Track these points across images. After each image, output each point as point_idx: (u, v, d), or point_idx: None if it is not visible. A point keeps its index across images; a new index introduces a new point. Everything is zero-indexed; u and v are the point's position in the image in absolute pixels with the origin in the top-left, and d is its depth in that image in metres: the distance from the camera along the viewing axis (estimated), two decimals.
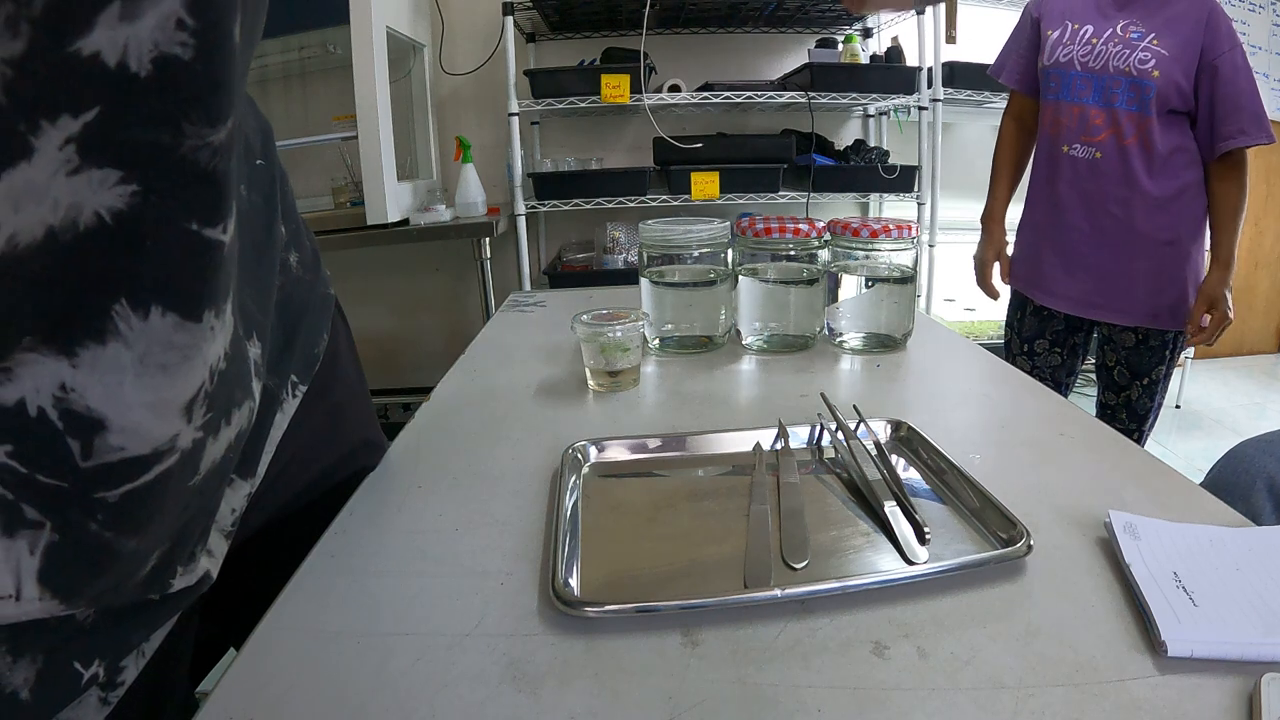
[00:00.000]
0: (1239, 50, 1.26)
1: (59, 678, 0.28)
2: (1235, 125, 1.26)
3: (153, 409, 0.24)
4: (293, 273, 0.47)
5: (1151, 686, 0.33)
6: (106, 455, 0.24)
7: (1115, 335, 1.43)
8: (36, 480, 0.23)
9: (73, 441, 0.23)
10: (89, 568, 0.25)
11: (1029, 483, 0.53)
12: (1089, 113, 1.32)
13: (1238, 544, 0.43)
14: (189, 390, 0.25)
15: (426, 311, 2.62)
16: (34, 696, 0.27)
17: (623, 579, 0.43)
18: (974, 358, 0.86)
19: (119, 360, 0.23)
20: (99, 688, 0.32)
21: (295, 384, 0.47)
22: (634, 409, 0.70)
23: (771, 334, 0.87)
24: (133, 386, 0.23)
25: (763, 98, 2.15)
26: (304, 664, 0.36)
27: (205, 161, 0.24)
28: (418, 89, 2.32)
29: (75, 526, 0.24)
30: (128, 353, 0.23)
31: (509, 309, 1.14)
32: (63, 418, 0.22)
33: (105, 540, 0.25)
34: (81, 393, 0.22)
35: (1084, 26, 1.33)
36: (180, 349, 0.24)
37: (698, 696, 0.34)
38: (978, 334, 2.57)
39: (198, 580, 0.36)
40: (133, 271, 0.22)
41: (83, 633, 0.29)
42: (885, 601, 0.40)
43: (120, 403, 0.23)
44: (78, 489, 0.24)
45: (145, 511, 0.26)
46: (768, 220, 0.85)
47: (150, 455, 0.25)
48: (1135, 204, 1.32)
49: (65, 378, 0.22)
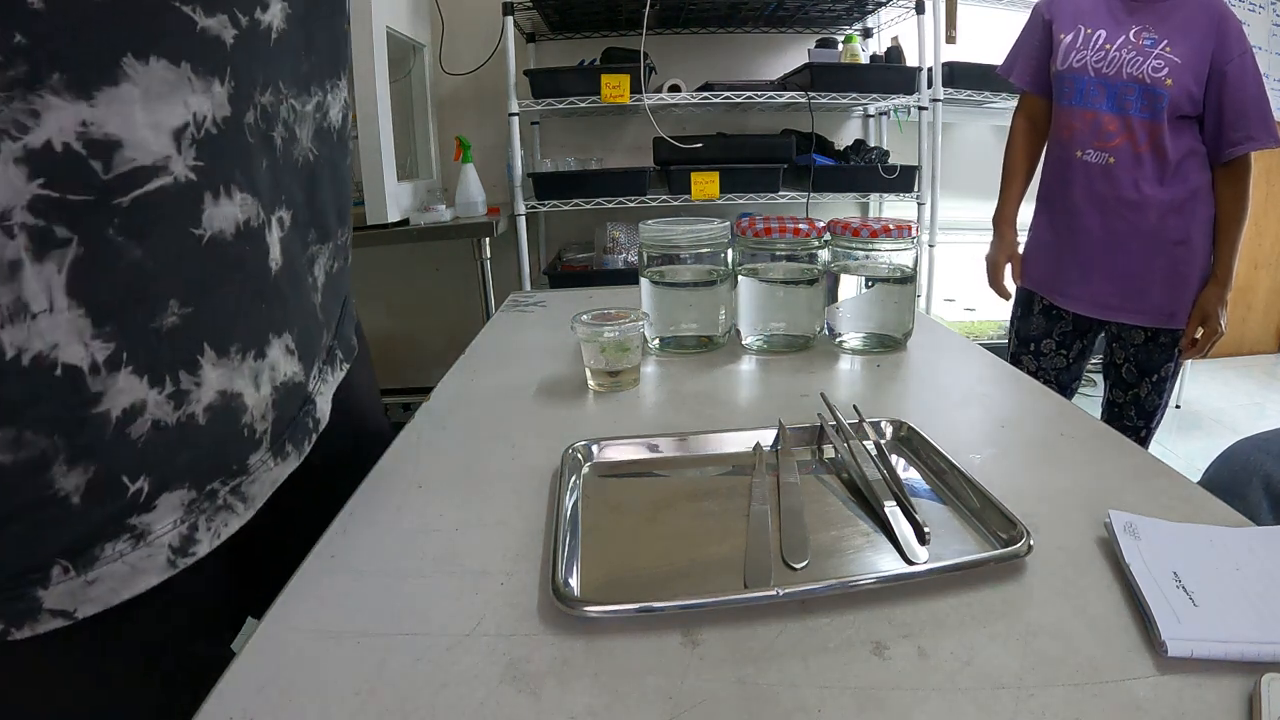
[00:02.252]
0: (1248, 55, 1.27)
1: (107, 489, 0.33)
2: (1243, 131, 1.27)
3: (152, 129, 0.32)
4: (344, 267, 0.54)
5: (1151, 686, 0.34)
6: (121, 166, 0.31)
7: (1124, 333, 1.44)
8: (66, 200, 0.29)
9: (95, 162, 0.30)
10: (107, 276, 0.31)
11: (1029, 483, 0.53)
12: (1102, 119, 1.33)
13: (1238, 544, 0.43)
14: (175, 120, 0.33)
15: (426, 311, 2.62)
16: (81, 505, 0.32)
17: (623, 579, 0.43)
18: (974, 358, 0.86)
19: (130, 95, 0.31)
20: (170, 550, 0.37)
21: (341, 360, 0.54)
22: (634, 409, 0.70)
23: (771, 334, 0.87)
24: (139, 112, 0.31)
25: (763, 98, 2.15)
26: (304, 664, 0.36)
27: None
28: (418, 89, 2.32)
29: (95, 235, 0.30)
30: (135, 89, 0.31)
31: (509, 309, 1.14)
32: (85, 146, 0.29)
33: (118, 245, 0.31)
34: (100, 124, 0.30)
35: (1097, 31, 1.33)
36: (169, 84, 0.32)
37: (698, 696, 0.34)
38: (978, 334, 2.57)
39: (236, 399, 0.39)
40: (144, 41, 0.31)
41: (132, 448, 0.34)
42: (885, 601, 0.40)
43: (131, 125, 0.31)
44: (99, 198, 0.30)
45: (148, 218, 0.32)
46: (768, 220, 0.85)
47: (152, 166, 0.32)
48: (1148, 208, 1.33)
49: (85, 115, 0.29)
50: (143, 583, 0.36)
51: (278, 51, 0.40)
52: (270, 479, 0.43)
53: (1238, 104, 1.27)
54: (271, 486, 0.43)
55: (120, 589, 0.35)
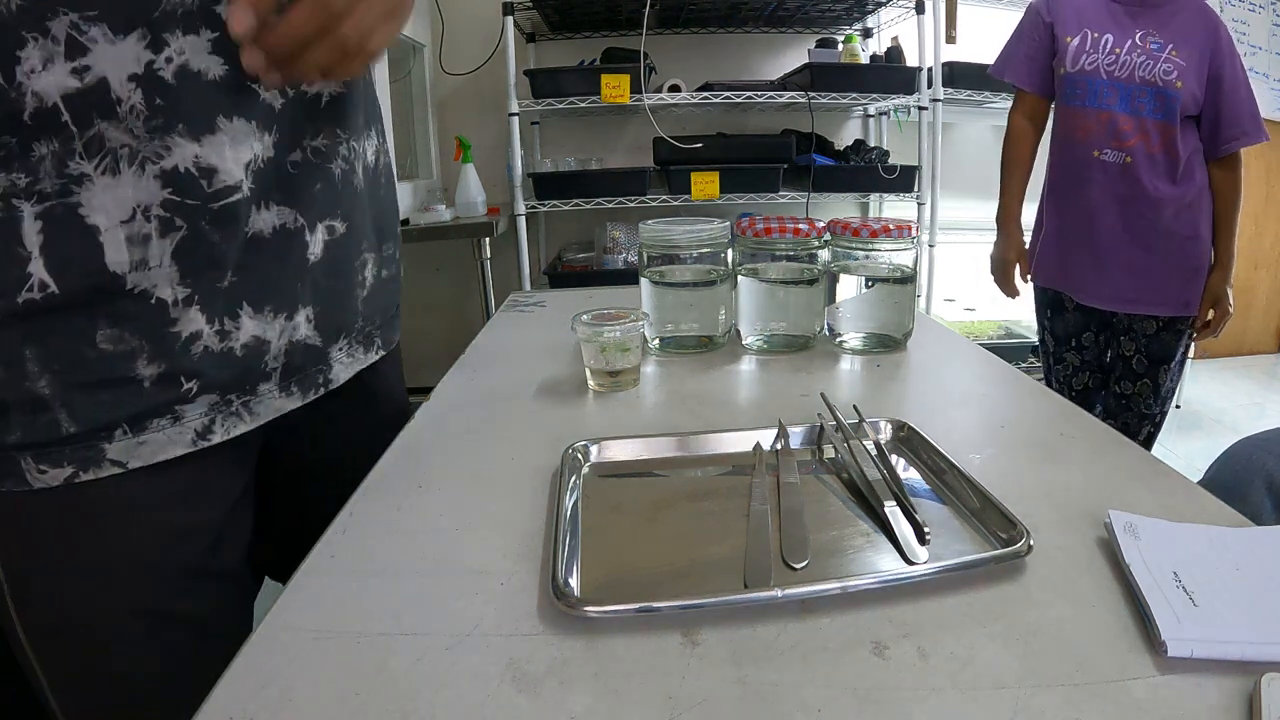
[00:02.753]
0: (1237, 56, 1.35)
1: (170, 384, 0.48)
2: (1238, 128, 1.35)
3: (235, 163, 0.48)
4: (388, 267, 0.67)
5: (1151, 686, 0.34)
6: (216, 185, 0.48)
7: (1136, 325, 1.47)
8: (184, 203, 0.46)
9: (202, 180, 0.47)
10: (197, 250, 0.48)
11: (1029, 483, 0.53)
12: (1117, 119, 1.38)
13: (1238, 544, 0.43)
14: (245, 157, 0.49)
15: (426, 311, 2.62)
16: (151, 390, 0.48)
17: (623, 579, 0.43)
18: (974, 358, 0.86)
19: (222, 140, 0.47)
20: (194, 433, 0.50)
21: (379, 347, 0.67)
22: (634, 409, 0.70)
23: (771, 334, 0.87)
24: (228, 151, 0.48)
25: (763, 98, 2.15)
26: (304, 664, 0.36)
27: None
28: (418, 89, 2.32)
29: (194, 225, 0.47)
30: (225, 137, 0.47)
31: (509, 309, 1.14)
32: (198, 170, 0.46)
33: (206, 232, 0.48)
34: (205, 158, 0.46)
35: (1104, 35, 1.37)
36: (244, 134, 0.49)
37: (698, 696, 0.34)
38: (978, 334, 2.57)
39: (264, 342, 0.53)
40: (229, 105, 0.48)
41: (191, 360, 0.49)
42: (885, 601, 0.40)
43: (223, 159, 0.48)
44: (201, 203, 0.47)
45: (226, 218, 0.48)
46: (768, 220, 0.85)
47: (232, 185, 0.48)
48: (1164, 205, 1.38)
49: (197, 152, 0.46)
50: (173, 450, 0.49)
51: (330, 109, 0.56)
52: (274, 406, 0.56)
53: (1233, 103, 1.34)
54: (275, 412, 0.56)
55: (158, 452, 0.49)
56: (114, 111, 0.42)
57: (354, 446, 0.64)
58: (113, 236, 0.44)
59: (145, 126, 0.43)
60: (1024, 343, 2.56)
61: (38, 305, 0.43)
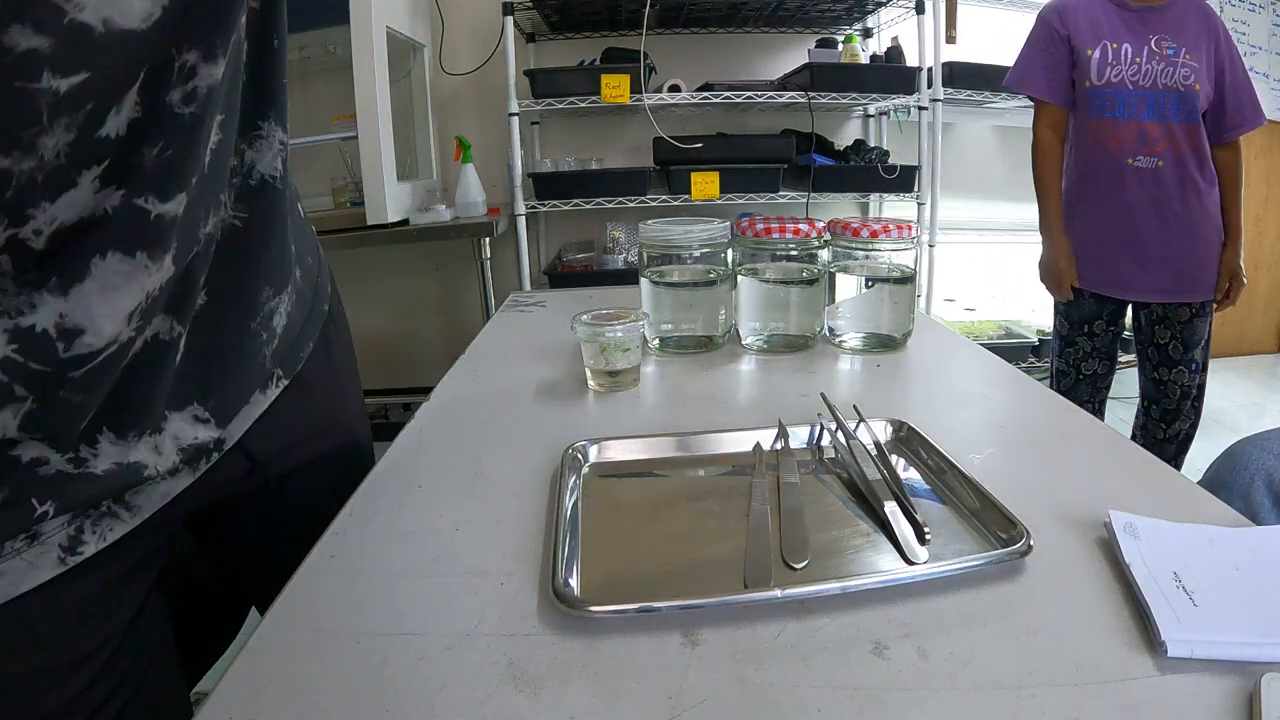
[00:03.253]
0: (1234, 46, 1.47)
1: (18, 507, 0.38)
2: (1241, 116, 1.47)
3: (108, 316, 0.36)
4: (296, 284, 0.55)
5: (1151, 686, 0.34)
6: (78, 349, 0.36)
7: (1170, 313, 1.57)
8: (29, 367, 0.34)
9: (59, 342, 0.35)
10: (52, 417, 0.37)
11: (1029, 483, 0.53)
12: (1146, 127, 1.46)
13: (1238, 544, 0.43)
14: (129, 305, 0.37)
15: (426, 311, 2.62)
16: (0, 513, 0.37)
17: (623, 579, 0.43)
18: (974, 358, 0.86)
19: (90, 289, 0.35)
20: (60, 549, 0.41)
21: (279, 377, 0.54)
22: (634, 409, 0.70)
23: (771, 334, 0.87)
24: (96, 303, 0.35)
25: (763, 98, 2.15)
26: (304, 664, 0.36)
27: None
28: (418, 89, 2.32)
29: (47, 395, 0.36)
30: (94, 283, 0.35)
31: (509, 309, 1.14)
32: (57, 331, 0.35)
33: (64, 398, 0.37)
34: (70, 315, 0.35)
35: (1122, 45, 1.45)
36: (124, 275, 0.36)
37: (698, 696, 0.34)
38: (978, 334, 2.57)
39: (134, 464, 0.42)
40: (103, 235, 0.35)
41: (40, 483, 0.39)
42: (885, 601, 0.40)
43: (90, 315, 0.35)
44: (55, 371, 0.35)
45: (94, 380, 0.37)
46: (768, 220, 0.85)
47: (103, 346, 0.37)
48: (1193, 202, 1.49)
49: (62, 309, 0.34)
50: (37, 577, 0.40)
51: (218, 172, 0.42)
52: (160, 492, 0.46)
53: (1236, 93, 1.46)
54: (161, 499, 0.46)
55: (20, 582, 0.39)
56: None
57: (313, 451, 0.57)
58: None
59: (15, 284, 0.33)
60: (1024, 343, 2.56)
61: None
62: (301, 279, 0.56)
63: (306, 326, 0.57)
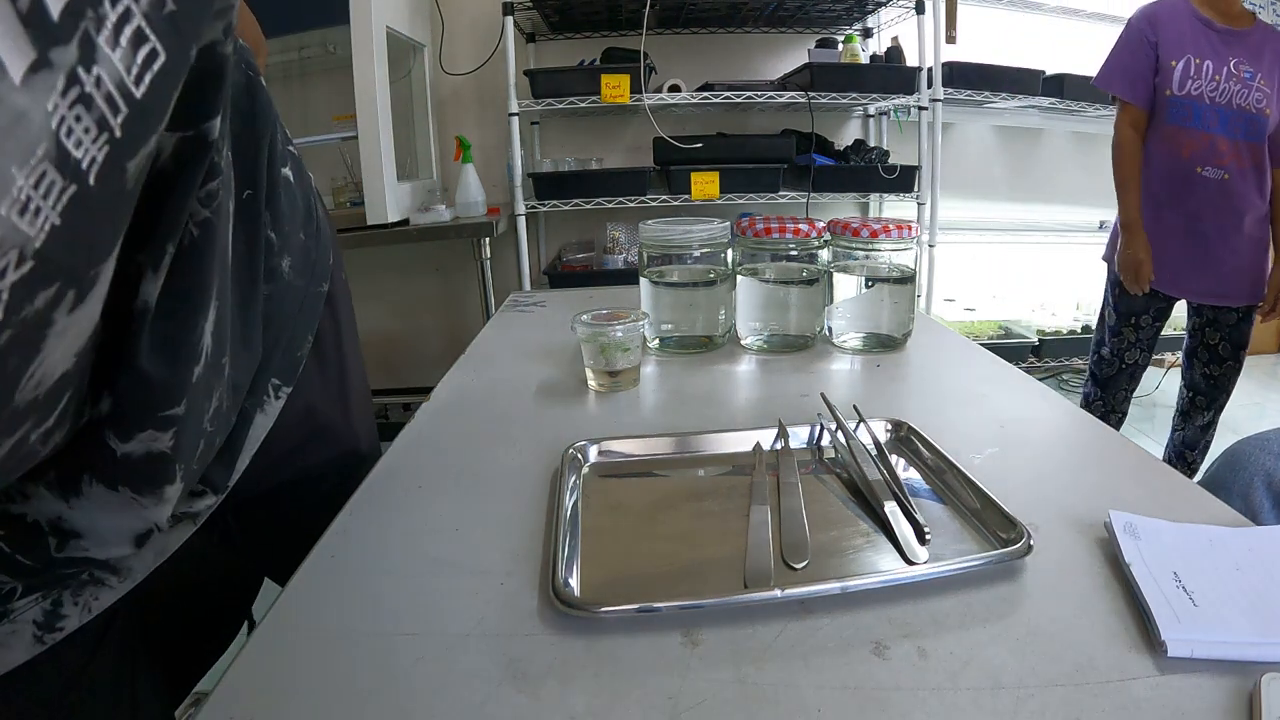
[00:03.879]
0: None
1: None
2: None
3: (115, 532, 0.34)
4: (284, 279, 0.48)
5: (1151, 686, 0.34)
6: (74, 552, 0.33)
7: (1220, 316, 1.69)
8: (15, 559, 0.32)
9: (52, 539, 0.32)
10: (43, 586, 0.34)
11: (1029, 483, 0.53)
12: (1216, 141, 1.56)
13: (1238, 544, 0.43)
14: (138, 527, 0.35)
15: (426, 311, 2.62)
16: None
17: (623, 579, 0.43)
18: (974, 358, 0.86)
19: (90, 505, 0.32)
20: (35, 626, 0.35)
21: (278, 386, 0.48)
22: (634, 409, 0.70)
23: (771, 334, 0.87)
24: (105, 519, 0.33)
25: (763, 98, 2.15)
26: (304, 664, 0.36)
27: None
28: (418, 89, 2.32)
29: (36, 586, 0.34)
30: (91, 503, 0.32)
31: (509, 309, 1.14)
32: (50, 527, 0.32)
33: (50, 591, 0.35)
34: (70, 520, 0.32)
35: (1204, 62, 1.54)
36: (116, 503, 0.33)
37: (698, 696, 0.34)
38: (978, 334, 2.57)
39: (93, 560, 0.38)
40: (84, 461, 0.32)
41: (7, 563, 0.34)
42: (885, 601, 0.40)
43: (93, 527, 0.33)
44: (45, 568, 0.33)
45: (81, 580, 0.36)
46: (768, 220, 0.85)
47: (105, 560, 0.35)
48: (1250, 214, 1.61)
49: (61, 511, 0.32)
50: (11, 659, 0.35)
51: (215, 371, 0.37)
52: (154, 552, 0.40)
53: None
54: (157, 558, 0.41)
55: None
56: None
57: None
58: None
59: None
60: (1024, 343, 2.56)
61: None
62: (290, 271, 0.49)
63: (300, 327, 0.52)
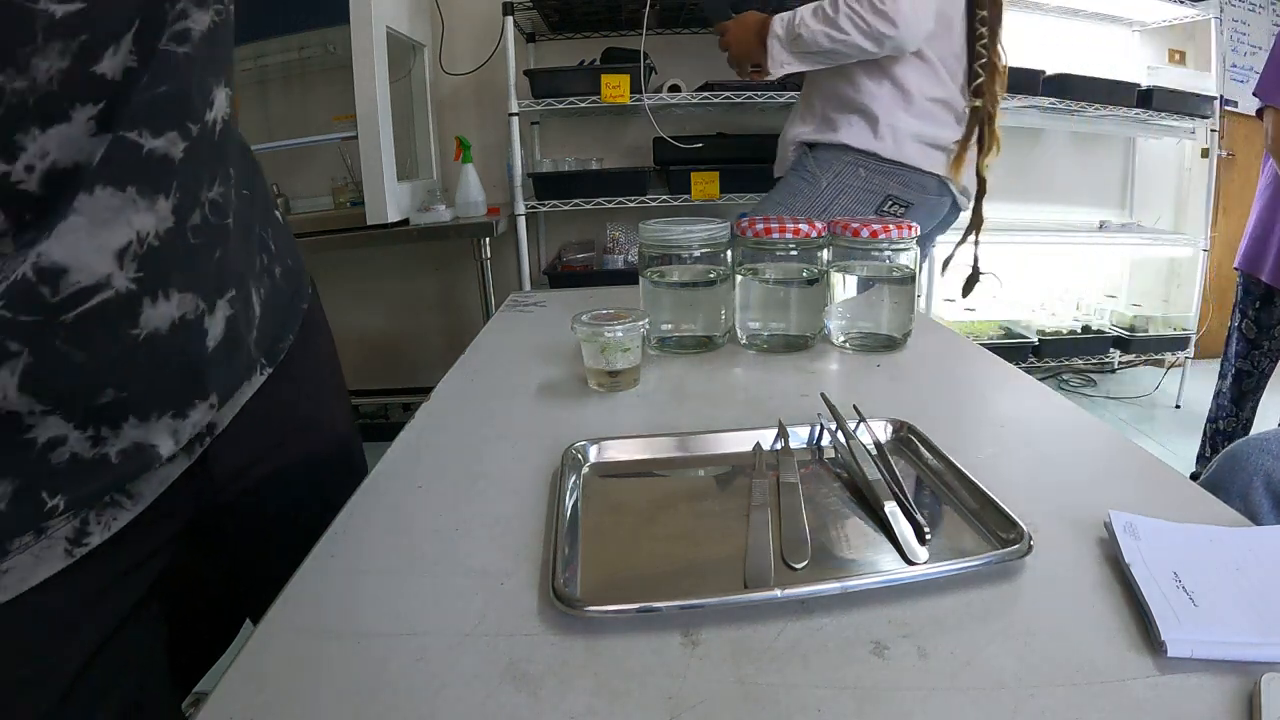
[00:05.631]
0: None
1: (28, 501, 0.37)
2: None
3: (96, 252, 0.35)
4: (276, 283, 0.56)
5: (1151, 686, 0.34)
6: (66, 289, 0.34)
7: None
8: (18, 320, 0.33)
9: (43, 288, 0.34)
10: (53, 377, 0.36)
11: (1029, 483, 0.53)
12: None
13: (1238, 544, 0.43)
14: (118, 241, 0.36)
15: (426, 311, 2.62)
16: (7, 510, 0.36)
17: (623, 579, 0.43)
18: (974, 358, 0.86)
19: (77, 225, 0.34)
20: (66, 542, 0.40)
21: (263, 365, 0.55)
22: (634, 409, 0.70)
23: (771, 334, 0.87)
24: (84, 240, 0.35)
25: (763, 98, 2.15)
26: (304, 664, 0.36)
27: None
28: (418, 89, 2.32)
29: (43, 346, 0.35)
30: (81, 219, 0.34)
31: (509, 309, 1.14)
32: (36, 274, 0.33)
33: (64, 353, 0.35)
34: (49, 254, 0.34)
35: None
36: (113, 209, 0.36)
37: (698, 696, 0.34)
38: (978, 334, 2.57)
39: (150, 448, 0.42)
40: (93, 172, 0.35)
41: (53, 473, 0.38)
42: (885, 601, 0.40)
43: (76, 252, 0.34)
44: (47, 318, 0.34)
45: (91, 329, 0.36)
46: (768, 220, 0.85)
47: (94, 285, 0.35)
48: None
49: (41, 249, 0.33)
50: (45, 570, 0.40)
51: (224, 141, 0.43)
52: (159, 478, 0.46)
53: None
54: (160, 485, 0.46)
55: (28, 576, 0.39)
56: None
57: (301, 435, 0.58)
58: None
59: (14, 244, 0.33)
60: (1024, 343, 2.57)
61: None
62: (281, 277, 0.57)
63: (287, 321, 0.59)
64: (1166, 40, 2.92)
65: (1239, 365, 1.84)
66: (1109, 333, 2.79)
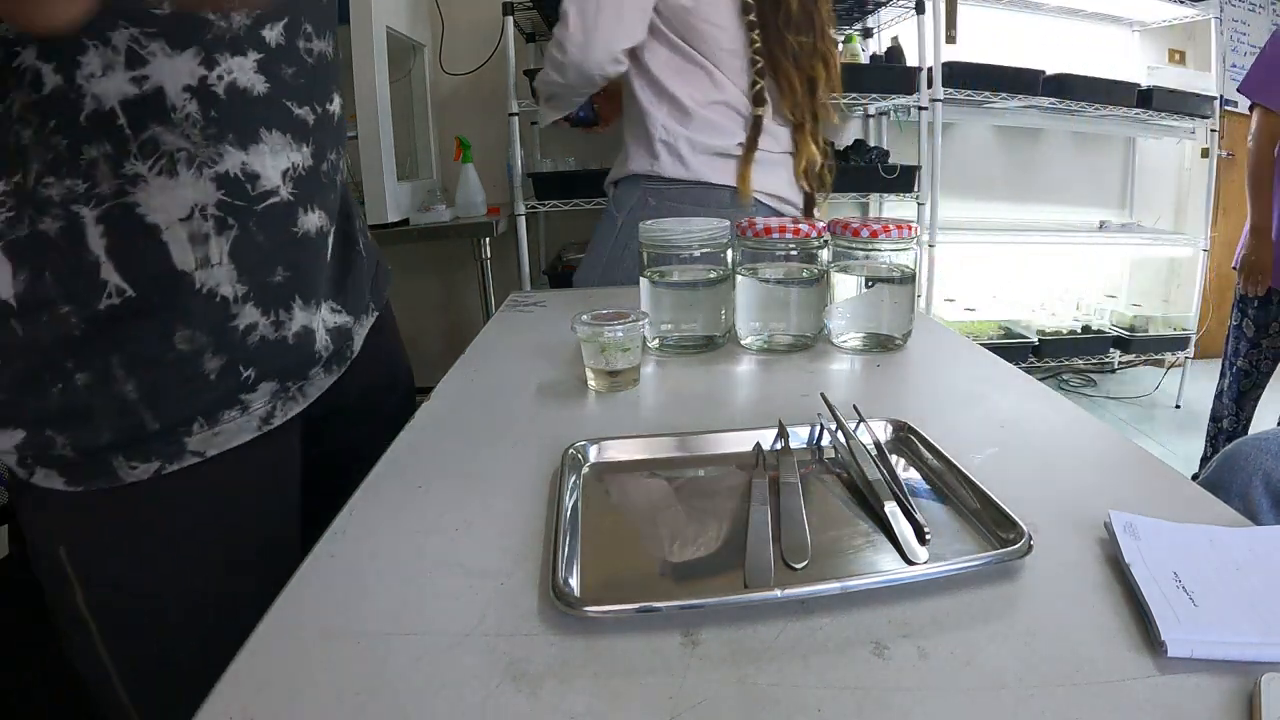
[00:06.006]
0: None
1: (232, 373, 0.54)
2: None
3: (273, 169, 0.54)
4: (369, 242, 0.76)
5: (1151, 686, 0.34)
6: (258, 190, 0.53)
7: None
8: (234, 204, 0.52)
9: (246, 184, 0.53)
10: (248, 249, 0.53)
11: (1029, 483, 0.53)
12: None
13: (1238, 544, 0.43)
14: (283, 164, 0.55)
15: (426, 311, 2.62)
16: (216, 380, 0.53)
17: (623, 579, 0.43)
18: (974, 358, 0.86)
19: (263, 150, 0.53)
20: (259, 420, 0.56)
21: (371, 308, 0.73)
22: (634, 409, 0.70)
23: (771, 334, 0.87)
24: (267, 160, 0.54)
25: None
26: (304, 664, 0.36)
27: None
28: (418, 89, 2.32)
29: (244, 225, 0.52)
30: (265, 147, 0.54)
31: (509, 309, 1.14)
32: (244, 174, 0.52)
33: (254, 232, 0.53)
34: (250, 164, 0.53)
35: None
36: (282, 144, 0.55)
37: (698, 696, 0.34)
38: (978, 334, 2.57)
39: (308, 333, 0.59)
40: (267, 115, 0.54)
41: (248, 350, 0.54)
42: (885, 601, 0.40)
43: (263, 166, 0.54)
44: (247, 205, 0.53)
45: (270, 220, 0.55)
46: (768, 220, 0.85)
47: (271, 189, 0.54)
48: None
49: (244, 159, 0.52)
50: (243, 436, 0.56)
51: (338, 129, 0.63)
52: (319, 385, 0.63)
53: None
54: (319, 389, 0.63)
55: (231, 439, 0.55)
56: (169, 118, 0.47)
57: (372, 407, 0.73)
58: (174, 235, 0.49)
59: (201, 134, 0.48)
60: (1024, 343, 2.57)
61: (118, 311, 0.48)
62: (371, 245, 0.75)
63: (380, 278, 0.78)
64: (1166, 40, 2.92)
65: (1239, 365, 1.86)
66: (1109, 333, 2.79)
